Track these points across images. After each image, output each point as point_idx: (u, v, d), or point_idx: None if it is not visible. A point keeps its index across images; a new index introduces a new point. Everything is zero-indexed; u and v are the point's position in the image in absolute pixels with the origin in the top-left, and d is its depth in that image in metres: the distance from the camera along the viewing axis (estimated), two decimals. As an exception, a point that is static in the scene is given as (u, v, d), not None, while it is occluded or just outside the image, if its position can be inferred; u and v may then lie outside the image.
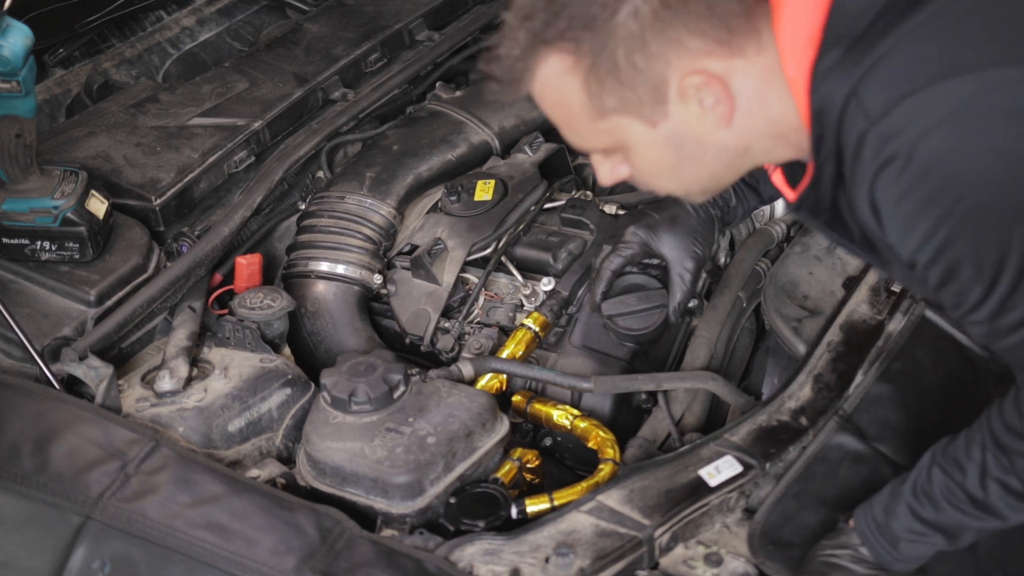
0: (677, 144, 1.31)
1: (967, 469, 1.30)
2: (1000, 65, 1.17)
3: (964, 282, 1.21)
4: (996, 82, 1.16)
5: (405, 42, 2.49)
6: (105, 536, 1.43)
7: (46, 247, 1.79)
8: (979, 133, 1.16)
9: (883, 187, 1.22)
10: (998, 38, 1.20)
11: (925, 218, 1.20)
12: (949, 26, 1.21)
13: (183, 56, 2.67)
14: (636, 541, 1.45)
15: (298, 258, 2.03)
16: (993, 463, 1.28)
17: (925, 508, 1.36)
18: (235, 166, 2.10)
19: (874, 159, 1.21)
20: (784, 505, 1.53)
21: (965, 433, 1.33)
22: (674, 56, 1.25)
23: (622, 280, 1.82)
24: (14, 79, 1.64)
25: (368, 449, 1.55)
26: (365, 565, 1.39)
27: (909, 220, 1.22)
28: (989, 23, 1.21)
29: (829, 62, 1.24)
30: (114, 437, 1.53)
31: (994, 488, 1.29)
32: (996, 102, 1.16)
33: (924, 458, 1.38)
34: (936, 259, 1.22)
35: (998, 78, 1.16)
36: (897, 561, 1.41)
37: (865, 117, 1.20)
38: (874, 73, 1.21)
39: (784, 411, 1.64)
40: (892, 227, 1.25)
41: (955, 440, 1.34)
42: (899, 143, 1.18)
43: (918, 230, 1.21)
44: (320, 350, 1.96)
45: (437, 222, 2.08)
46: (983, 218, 1.17)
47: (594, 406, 1.81)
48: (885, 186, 1.22)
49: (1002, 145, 1.15)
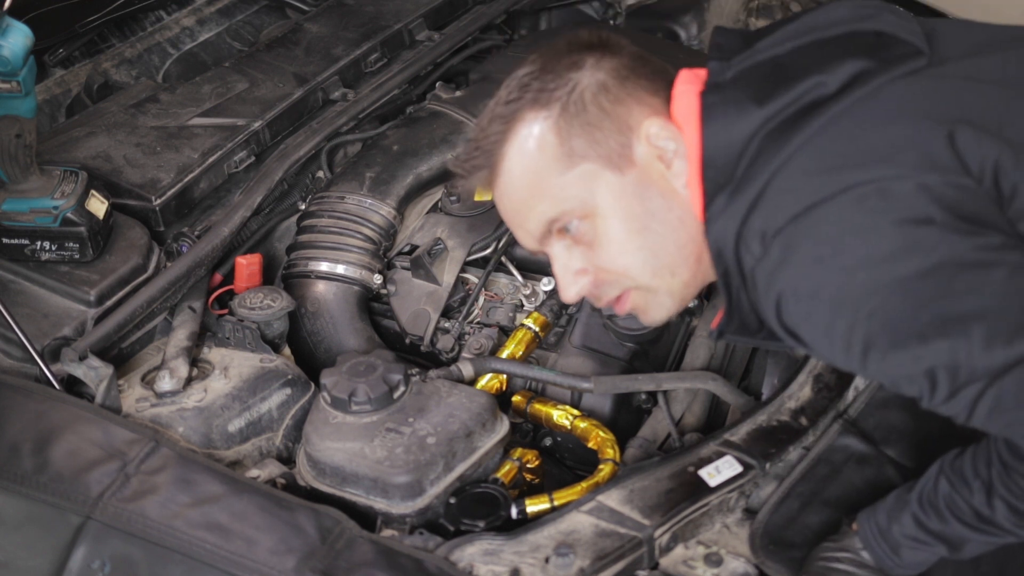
0: (643, 196, 1.40)
1: (973, 486, 1.30)
2: (854, 186, 1.24)
3: (903, 383, 1.24)
4: (852, 201, 1.23)
5: (405, 42, 2.49)
6: (105, 536, 1.43)
7: (46, 247, 1.79)
8: (846, 252, 1.23)
9: (787, 317, 1.30)
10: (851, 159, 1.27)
11: (835, 337, 1.26)
12: (811, 157, 1.29)
13: (183, 56, 2.67)
14: (636, 541, 1.45)
15: (298, 258, 2.03)
16: (1000, 483, 1.27)
17: (931, 519, 1.35)
18: (235, 166, 2.10)
19: (767, 294, 1.30)
20: (787, 505, 1.53)
21: (973, 448, 1.32)
22: (635, 104, 1.41)
23: (622, 280, 1.82)
24: (14, 79, 1.64)
25: (368, 449, 1.55)
26: (365, 565, 1.39)
27: (825, 340, 1.28)
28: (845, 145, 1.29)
29: (717, 208, 1.33)
30: (114, 437, 1.53)
31: (1000, 507, 1.28)
32: (855, 221, 1.23)
33: (932, 468, 1.38)
34: (866, 367, 1.26)
35: (854, 196, 1.23)
36: (898, 567, 1.40)
37: (751, 256, 1.30)
38: (752, 214, 1.30)
39: (784, 411, 1.64)
40: (814, 346, 1.32)
41: (963, 454, 1.34)
42: (782, 278, 1.27)
43: (837, 347, 1.27)
44: (320, 350, 1.96)
45: (437, 222, 2.08)
46: (886, 321, 1.22)
47: (594, 406, 1.81)
48: (789, 316, 1.29)
49: (875, 252, 1.22)
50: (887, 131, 1.28)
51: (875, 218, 1.23)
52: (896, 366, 1.23)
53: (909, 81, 1.33)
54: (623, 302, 1.49)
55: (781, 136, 1.31)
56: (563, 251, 1.46)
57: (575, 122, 1.40)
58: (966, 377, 1.18)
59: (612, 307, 1.51)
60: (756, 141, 1.32)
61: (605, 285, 1.47)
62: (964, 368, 1.18)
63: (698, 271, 1.45)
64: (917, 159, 1.25)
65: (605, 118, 1.40)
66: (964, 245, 1.19)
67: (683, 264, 1.43)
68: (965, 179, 1.24)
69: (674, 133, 1.40)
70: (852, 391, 1.65)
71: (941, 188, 1.22)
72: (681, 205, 1.41)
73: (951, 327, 1.18)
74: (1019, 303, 1.17)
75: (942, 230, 1.20)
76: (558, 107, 1.41)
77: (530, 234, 1.48)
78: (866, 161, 1.26)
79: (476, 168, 1.48)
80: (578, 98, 1.40)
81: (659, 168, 1.41)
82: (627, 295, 1.48)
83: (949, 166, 1.24)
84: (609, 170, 1.40)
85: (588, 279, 1.47)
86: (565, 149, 1.40)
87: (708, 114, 1.37)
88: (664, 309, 1.49)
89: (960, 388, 1.19)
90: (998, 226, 1.22)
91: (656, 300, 1.47)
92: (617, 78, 1.42)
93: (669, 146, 1.40)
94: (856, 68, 1.33)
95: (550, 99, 1.41)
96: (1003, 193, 1.24)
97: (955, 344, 1.17)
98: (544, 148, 1.41)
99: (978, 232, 1.20)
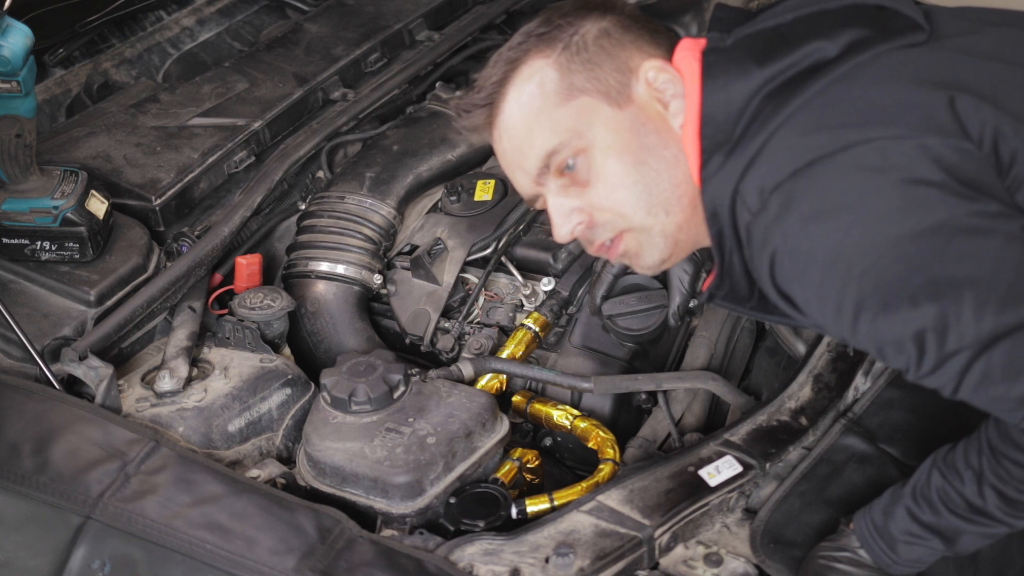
0: (640, 131, 1.41)
1: (964, 476, 1.30)
2: (854, 144, 1.24)
3: (891, 344, 1.23)
4: (852, 159, 1.23)
5: (405, 42, 2.49)
6: (105, 536, 1.43)
7: (46, 247, 1.79)
8: (844, 209, 1.23)
9: (781, 275, 1.29)
10: (852, 117, 1.27)
11: (829, 296, 1.25)
12: (811, 116, 1.29)
13: (183, 56, 2.67)
14: (636, 541, 1.45)
15: (298, 258, 2.03)
16: (989, 471, 1.28)
17: (923, 511, 1.36)
18: (235, 166, 2.10)
19: (761, 252, 1.29)
20: (788, 504, 1.53)
21: (965, 440, 1.33)
22: (635, 50, 1.44)
23: (622, 280, 1.82)
24: (14, 79, 1.64)
25: (368, 449, 1.55)
26: (365, 565, 1.39)
27: (817, 300, 1.27)
28: (846, 106, 1.29)
29: (713, 168, 1.34)
30: (114, 437, 1.53)
31: (991, 495, 1.28)
32: (853, 179, 1.23)
33: (926, 462, 1.38)
34: (856, 330, 1.25)
35: (854, 155, 1.23)
36: (895, 564, 1.40)
37: (747, 211, 1.30)
38: (750, 171, 1.31)
39: (784, 411, 1.64)
40: (806, 308, 1.31)
41: (956, 446, 1.34)
42: (778, 234, 1.27)
43: (828, 308, 1.26)
44: (320, 350, 1.96)
45: (437, 222, 2.08)
46: (880, 279, 1.21)
47: (594, 406, 1.81)
48: (782, 275, 1.29)
49: (872, 211, 1.22)
50: (888, 93, 1.28)
51: (874, 177, 1.22)
52: (885, 330, 1.22)
53: (908, 52, 1.34)
54: (616, 246, 1.48)
55: (781, 96, 1.32)
56: (559, 190, 1.46)
57: (576, 59, 1.43)
58: (954, 345, 1.17)
59: (604, 254, 1.51)
60: (756, 101, 1.33)
61: (599, 227, 1.46)
62: (953, 335, 1.17)
63: (692, 218, 1.43)
64: (918, 121, 1.25)
65: (606, 57, 1.43)
66: (962, 209, 1.19)
67: (677, 205, 1.42)
68: (966, 143, 1.23)
69: (673, 76, 1.42)
70: (852, 391, 1.65)
71: (941, 150, 1.22)
72: (677, 144, 1.42)
73: (943, 292, 1.17)
74: (1011, 273, 1.17)
75: (941, 192, 1.20)
76: (560, 47, 1.44)
77: (528, 174, 1.48)
78: (867, 121, 1.26)
79: (477, 105, 1.49)
80: (580, 39, 1.44)
81: (657, 108, 1.42)
82: (620, 238, 1.46)
83: (950, 129, 1.24)
84: (607, 104, 1.42)
85: (582, 219, 1.46)
86: (565, 84, 1.43)
87: (709, 72, 1.38)
88: (657, 251, 1.47)
89: (948, 357, 1.19)
90: (996, 194, 1.22)
91: (649, 241, 1.45)
92: (620, 27, 1.45)
93: (668, 88, 1.42)
94: (857, 35, 1.34)
95: (553, 41, 1.44)
96: (1002, 160, 1.24)
97: (945, 309, 1.17)
98: (544, 84, 1.43)
99: (976, 198, 1.20)
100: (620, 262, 1.80)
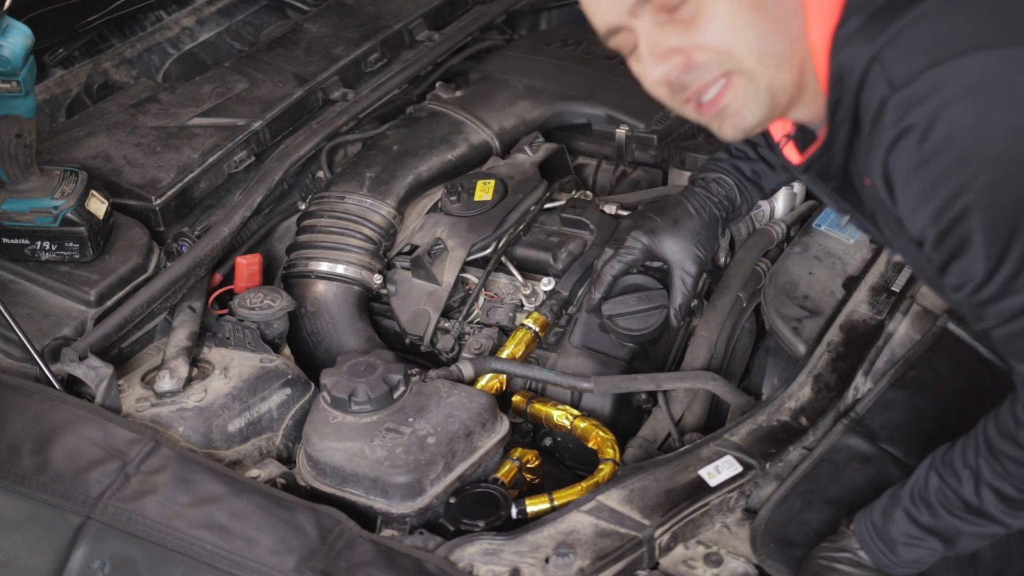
0: None
1: (962, 476, 1.30)
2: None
3: (971, 260, 1.19)
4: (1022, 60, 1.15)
5: (405, 42, 2.49)
6: (105, 536, 1.43)
7: (46, 247, 1.79)
8: (1003, 108, 1.14)
9: (899, 156, 1.20)
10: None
11: (940, 191, 1.18)
12: (976, 3, 1.19)
13: (183, 56, 2.67)
14: (636, 541, 1.45)
15: (298, 258, 2.03)
16: (987, 469, 1.27)
17: (922, 512, 1.35)
18: (235, 166, 2.10)
19: (893, 126, 1.19)
20: (789, 504, 1.53)
21: (962, 440, 1.33)
22: None
23: (622, 280, 1.82)
24: (14, 79, 1.64)
25: (368, 449, 1.55)
26: (365, 565, 1.39)
27: (923, 192, 1.20)
28: (1015, 3, 1.20)
29: (851, 28, 1.22)
30: (114, 437, 1.53)
31: (988, 495, 1.28)
32: (1021, 80, 1.14)
33: (924, 463, 1.38)
34: (946, 235, 1.20)
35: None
36: (895, 565, 1.40)
37: (888, 83, 1.19)
38: (899, 41, 1.19)
39: (784, 411, 1.64)
40: (904, 199, 1.23)
41: (953, 447, 1.34)
42: (920, 112, 1.16)
43: (931, 203, 1.19)
44: (320, 350, 1.96)
45: (437, 222, 2.08)
46: (999, 195, 1.15)
47: (594, 406, 1.81)
48: (902, 155, 1.20)
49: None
50: None
51: None
52: (976, 246, 1.17)
53: None
54: (719, 97, 1.28)
55: None
56: (654, 28, 1.26)
57: None
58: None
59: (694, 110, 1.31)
60: None
61: (699, 68, 1.26)
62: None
63: (798, 80, 1.29)
64: None
65: None
66: None
67: (789, 61, 1.27)
68: None
69: None
70: (852, 391, 1.65)
71: None
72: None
73: None
74: None
75: None
76: None
77: None
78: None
79: None
80: None
81: None
82: (728, 85, 1.28)
83: None
84: None
85: (679, 61, 1.26)
86: None
87: None
88: (761, 108, 1.30)
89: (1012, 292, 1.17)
90: None
91: (756, 93, 1.28)
92: None
93: None
94: None
95: None
96: None
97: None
98: None
99: None
100: (620, 263, 1.78)
